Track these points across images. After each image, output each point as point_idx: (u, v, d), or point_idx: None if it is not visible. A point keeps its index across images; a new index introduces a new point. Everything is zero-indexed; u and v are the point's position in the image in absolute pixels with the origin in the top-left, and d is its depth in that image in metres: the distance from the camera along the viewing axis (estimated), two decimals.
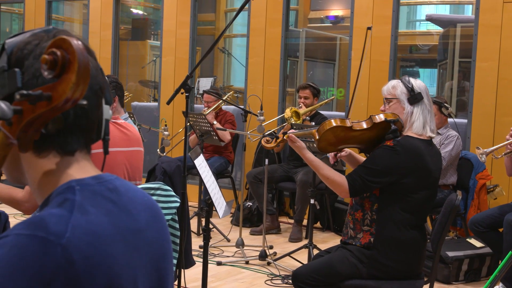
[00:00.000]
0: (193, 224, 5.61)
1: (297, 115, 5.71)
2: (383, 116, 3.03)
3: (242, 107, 5.57)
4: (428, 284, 3.18)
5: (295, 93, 7.01)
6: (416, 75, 8.71)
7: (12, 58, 1.09)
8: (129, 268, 1.09)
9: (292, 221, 6.26)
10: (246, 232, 6.02)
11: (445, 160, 5.19)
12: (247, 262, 5.09)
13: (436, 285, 4.32)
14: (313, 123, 5.76)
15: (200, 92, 7.64)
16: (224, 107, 6.85)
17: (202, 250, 3.64)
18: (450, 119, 5.45)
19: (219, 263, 5.00)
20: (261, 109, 5.30)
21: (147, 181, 3.72)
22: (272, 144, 3.35)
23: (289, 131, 3.31)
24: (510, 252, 3.13)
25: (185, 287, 3.84)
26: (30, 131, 1.03)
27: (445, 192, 5.21)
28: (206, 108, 6.51)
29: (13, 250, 0.97)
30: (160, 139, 7.21)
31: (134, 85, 9.55)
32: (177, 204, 2.89)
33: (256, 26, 7.18)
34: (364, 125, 3.06)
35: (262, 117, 5.23)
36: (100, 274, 1.02)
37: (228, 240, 5.68)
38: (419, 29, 8.98)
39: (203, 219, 5.75)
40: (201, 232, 5.82)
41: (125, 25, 9.55)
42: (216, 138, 6.11)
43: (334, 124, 3.06)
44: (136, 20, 10.04)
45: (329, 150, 3.22)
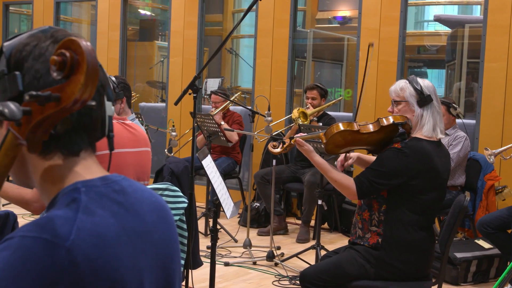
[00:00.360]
0: (201, 224, 5.61)
1: (304, 115, 5.70)
2: (391, 119, 3.02)
3: (249, 107, 5.57)
4: (436, 286, 3.17)
5: (302, 94, 7.00)
6: (424, 75, 8.69)
7: (11, 61, 1.08)
8: (135, 270, 1.08)
9: (299, 221, 6.25)
10: (253, 232, 6.02)
11: (453, 161, 5.17)
12: (254, 263, 5.08)
13: (444, 287, 4.31)
14: (321, 124, 5.76)
15: (208, 92, 7.65)
16: (231, 107, 6.85)
17: (209, 250, 3.65)
18: (458, 120, 5.43)
19: (226, 264, 5.00)
20: (269, 109, 5.29)
21: (154, 181, 3.72)
22: (279, 150, 3.35)
23: (296, 134, 3.31)
24: None
25: None
26: (39, 132, 1.02)
27: (453, 193, 5.19)
28: (213, 108, 6.51)
29: (17, 252, 0.97)
30: (167, 140, 7.22)
31: (141, 85, 9.57)
32: (185, 205, 2.89)
33: (263, 26, 7.18)
34: (371, 128, 3.05)
35: (269, 118, 5.23)
36: (104, 277, 1.01)
37: (236, 241, 5.68)
38: (427, 30, 8.97)
39: (210, 220, 5.76)
40: (208, 232, 5.82)
41: (133, 26, 9.57)
42: (224, 138, 6.11)
43: (342, 128, 3.06)
44: (144, 21, 10.06)
45: (337, 152, 3.21)
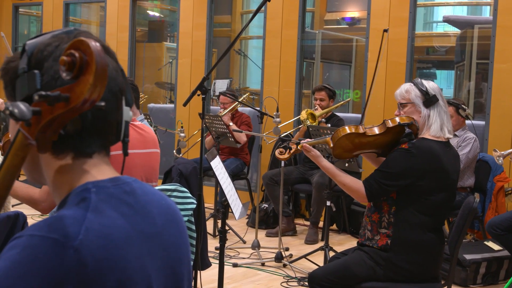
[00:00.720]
0: (209, 225, 5.61)
1: (312, 117, 5.70)
2: (397, 120, 3.02)
3: (258, 108, 5.57)
4: (445, 287, 3.16)
5: (311, 95, 7.00)
6: (433, 76, 8.67)
7: (32, 60, 1.09)
8: (143, 272, 1.08)
9: (308, 223, 6.25)
10: (262, 234, 6.02)
11: (462, 162, 5.15)
12: (263, 264, 5.08)
13: None
14: (329, 125, 5.76)
15: (216, 94, 7.66)
16: (240, 108, 6.85)
17: (218, 251, 3.65)
18: (467, 121, 5.41)
19: (235, 265, 5.01)
20: (277, 110, 5.29)
21: (163, 182, 3.73)
22: (286, 155, 3.36)
23: (303, 140, 3.31)
24: None
25: None
26: (49, 132, 1.03)
27: (463, 194, 5.16)
28: (222, 109, 6.52)
29: (26, 251, 0.97)
30: (176, 141, 7.23)
31: (150, 87, 9.59)
32: (194, 206, 2.90)
33: (272, 28, 7.18)
34: (378, 130, 3.05)
35: (278, 119, 5.23)
36: (111, 277, 1.01)
37: (244, 242, 5.69)
38: (436, 31, 8.94)
39: (219, 221, 5.76)
40: (217, 233, 5.82)
41: (142, 27, 9.60)
42: (232, 139, 6.11)
43: (348, 131, 3.06)
44: (153, 22, 10.08)
45: (345, 156, 3.21)
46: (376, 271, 2.98)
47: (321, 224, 6.06)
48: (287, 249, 5.46)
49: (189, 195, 2.91)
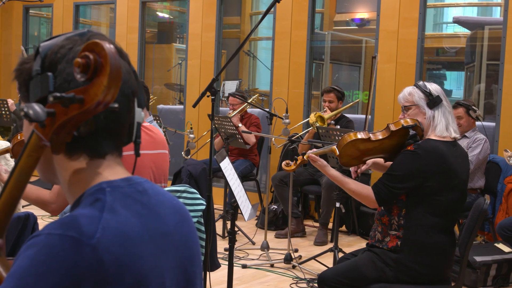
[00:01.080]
0: (218, 226, 5.62)
1: (321, 120, 5.69)
2: (400, 123, 3.02)
3: (267, 110, 5.57)
4: None
5: (320, 96, 6.99)
6: (442, 78, 8.64)
7: (45, 62, 1.10)
8: (157, 270, 1.10)
9: (317, 224, 6.24)
10: (271, 235, 6.01)
11: (472, 163, 5.13)
12: (272, 265, 5.08)
13: None
14: (338, 127, 5.75)
15: (226, 95, 7.66)
16: (249, 110, 6.85)
17: (227, 252, 3.65)
18: (478, 122, 5.39)
19: (244, 266, 5.01)
20: (286, 112, 5.29)
21: (173, 183, 3.74)
22: (293, 167, 3.37)
23: (309, 151, 3.32)
24: None
25: None
26: (63, 133, 1.04)
27: (473, 196, 5.15)
28: (231, 111, 6.52)
29: (44, 249, 0.98)
30: (185, 142, 7.24)
31: (159, 88, 9.61)
32: (203, 207, 2.90)
33: (281, 29, 7.18)
34: (382, 135, 3.06)
35: (287, 120, 5.23)
36: (128, 275, 1.03)
37: (253, 243, 5.68)
38: (446, 32, 8.91)
39: (228, 222, 5.76)
40: (226, 234, 5.82)
41: (151, 29, 9.62)
42: (241, 141, 6.11)
43: (353, 138, 3.06)
44: (162, 24, 10.11)
45: (353, 163, 3.21)
46: (386, 273, 2.97)
47: (330, 225, 6.05)
48: (296, 251, 5.45)
49: (199, 196, 2.92)
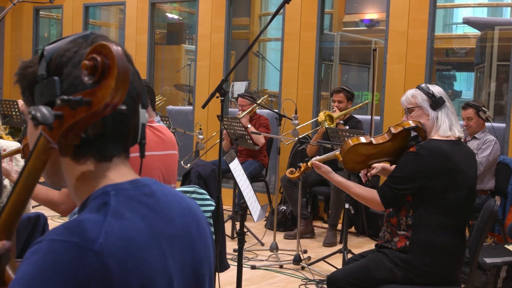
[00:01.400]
0: (227, 227, 5.61)
1: (330, 118, 5.69)
2: (402, 125, 3.03)
3: (276, 111, 5.57)
4: None
5: (329, 97, 6.98)
6: (452, 79, 8.61)
7: (51, 65, 1.09)
8: (164, 273, 1.09)
9: (326, 225, 6.23)
10: (280, 236, 6.01)
11: (482, 165, 5.11)
12: (281, 266, 5.08)
13: None
14: (347, 127, 5.74)
15: (235, 96, 7.67)
16: (258, 111, 6.86)
17: (236, 253, 3.66)
18: (487, 123, 5.37)
19: (253, 267, 5.00)
20: (296, 113, 5.29)
21: (182, 184, 3.74)
22: (297, 174, 3.39)
23: (312, 159, 3.34)
24: None
25: None
26: (70, 136, 1.04)
27: (483, 197, 5.12)
28: (240, 111, 6.52)
29: (48, 256, 0.98)
30: (194, 143, 7.25)
31: (169, 89, 9.63)
32: (212, 208, 2.90)
33: (290, 30, 7.18)
34: (383, 138, 3.07)
35: (296, 121, 5.22)
36: (134, 279, 1.02)
37: (262, 244, 5.68)
38: (456, 32, 8.88)
39: (237, 223, 5.76)
40: (235, 235, 5.83)
41: (161, 30, 9.64)
42: (251, 141, 6.11)
43: (355, 143, 3.07)
44: (172, 25, 10.13)
45: (358, 168, 3.22)
46: (395, 273, 2.96)
47: (339, 226, 6.05)
48: (305, 252, 5.45)
49: (208, 197, 2.92)
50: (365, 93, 8.27)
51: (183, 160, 6.49)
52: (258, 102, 6.43)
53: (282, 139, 5.46)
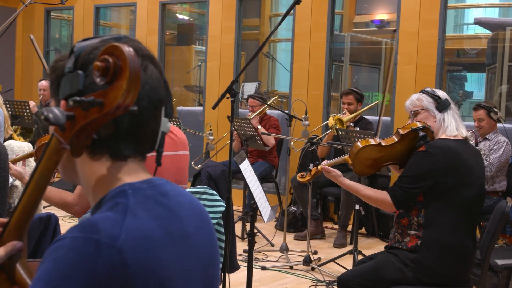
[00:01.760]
0: (238, 228, 5.62)
1: (340, 122, 5.68)
2: (409, 126, 3.04)
3: (286, 111, 5.56)
4: None
5: (339, 98, 6.97)
6: (463, 79, 8.57)
7: (78, 61, 1.11)
8: (181, 272, 1.10)
9: (336, 226, 6.22)
10: (290, 237, 6.00)
11: (494, 166, 5.09)
12: (291, 267, 5.07)
13: None
14: (358, 128, 5.73)
15: (245, 96, 7.67)
16: (268, 111, 6.86)
17: (246, 254, 3.66)
18: (499, 124, 5.34)
19: (263, 268, 5.00)
20: (306, 114, 5.28)
21: (192, 185, 3.75)
22: (307, 178, 3.40)
23: (322, 162, 3.35)
24: None
25: None
26: (83, 137, 1.04)
27: (494, 199, 5.10)
28: (250, 112, 6.52)
29: (70, 253, 0.99)
30: (205, 144, 7.26)
31: (179, 89, 9.65)
32: (223, 209, 2.90)
33: (301, 31, 7.17)
34: (392, 140, 3.07)
35: (306, 122, 5.22)
36: (153, 278, 1.03)
37: (272, 245, 5.68)
38: (467, 33, 8.84)
39: (247, 224, 5.77)
40: (245, 236, 5.83)
41: (171, 31, 9.66)
42: (261, 142, 6.11)
43: (363, 145, 3.07)
44: (182, 26, 10.15)
45: (367, 172, 3.22)
46: (405, 273, 2.95)
47: (349, 227, 6.03)
48: (315, 253, 5.44)
49: (218, 197, 2.92)
50: (375, 94, 8.25)
51: (194, 161, 6.51)
52: (269, 103, 6.42)
53: (292, 143, 5.45)
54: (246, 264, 3.45)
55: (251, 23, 9.30)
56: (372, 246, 5.86)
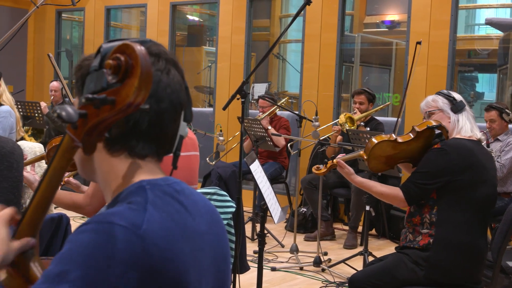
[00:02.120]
0: (248, 229, 5.62)
1: (351, 121, 5.67)
2: (425, 124, 3.05)
3: (297, 112, 5.56)
4: None
5: (350, 99, 6.96)
6: (474, 80, 8.54)
7: (104, 60, 1.13)
8: (196, 267, 1.13)
9: (346, 227, 6.21)
10: (300, 238, 6.00)
11: (505, 167, 5.06)
12: (301, 268, 5.07)
13: None
14: (368, 129, 5.71)
15: (255, 97, 7.67)
16: (278, 112, 6.85)
17: (256, 255, 3.65)
18: (510, 125, 5.31)
19: (273, 269, 5.00)
20: (316, 114, 5.28)
21: (202, 186, 3.75)
22: (323, 170, 3.39)
23: (338, 156, 3.34)
24: None
25: None
26: (94, 135, 1.06)
27: (506, 200, 5.07)
28: (261, 113, 6.52)
29: (93, 235, 1.02)
30: (215, 144, 7.27)
31: (189, 90, 9.66)
32: (233, 209, 2.90)
33: (311, 31, 7.16)
34: (408, 137, 3.08)
35: (317, 123, 5.22)
36: (172, 268, 1.06)
37: (283, 246, 5.68)
38: (478, 34, 8.80)
39: (257, 225, 5.76)
40: (255, 237, 5.83)
41: (181, 32, 9.68)
42: (271, 143, 6.11)
43: (379, 140, 3.09)
44: (192, 27, 10.16)
45: (382, 168, 3.22)
46: (417, 273, 2.94)
47: (360, 228, 6.02)
48: (325, 254, 5.43)
49: (229, 198, 2.92)
50: (386, 94, 8.22)
51: (208, 157, 6.52)
52: (279, 104, 6.42)
53: (299, 146, 5.44)
54: (256, 265, 3.45)
55: (261, 24, 9.30)
56: (382, 248, 5.85)
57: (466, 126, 3.04)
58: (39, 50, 10.24)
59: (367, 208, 4.82)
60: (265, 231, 4.68)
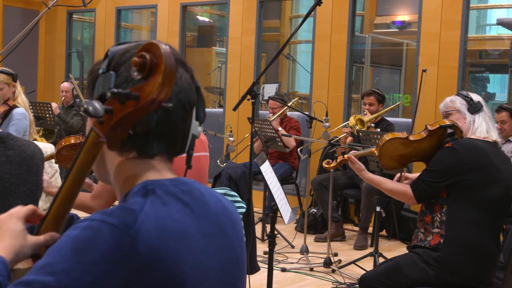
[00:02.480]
0: (258, 230, 5.62)
1: (361, 122, 5.65)
2: (438, 123, 3.05)
3: (307, 113, 5.56)
4: None
5: (360, 100, 6.94)
6: (486, 81, 8.50)
7: (112, 63, 1.17)
8: (196, 268, 1.12)
9: (357, 228, 6.20)
10: (310, 239, 5.99)
11: None
12: (311, 269, 5.06)
13: None
14: (379, 130, 5.70)
15: (265, 98, 7.67)
16: (288, 113, 6.85)
17: (267, 256, 3.66)
18: None
19: (283, 270, 5.00)
20: (326, 115, 5.27)
21: (212, 186, 3.76)
22: (333, 164, 3.40)
23: (349, 152, 3.34)
24: None
25: None
26: (119, 130, 1.09)
27: None
28: (271, 114, 6.52)
29: (86, 231, 1.05)
30: (225, 145, 7.28)
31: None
32: (243, 210, 2.91)
33: (321, 32, 7.16)
34: (420, 136, 3.09)
35: (327, 124, 5.21)
36: (163, 268, 1.06)
37: (293, 247, 5.67)
38: (489, 34, 8.76)
39: (267, 225, 5.76)
40: (265, 238, 5.83)
41: (192, 32, 9.70)
42: (281, 144, 6.11)
43: (391, 137, 3.09)
44: (202, 27, 10.18)
45: (393, 166, 3.22)
46: (428, 272, 2.93)
47: (370, 229, 6.00)
48: (335, 255, 5.43)
49: (239, 199, 2.93)
50: (396, 95, 8.20)
51: (219, 159, 6.53)
52: (289, 104, 6.42)
53: (309, 146, 5.43)
54: (266, 266, 3.45)
55: (271, 24, 9.31)
56: (393, 249, 5.83)
57: (482, 127, 3.04)
58: (50, 51, 10.29)
59: (378, 209, 4.81)
60: (275, 232, 4.68)
